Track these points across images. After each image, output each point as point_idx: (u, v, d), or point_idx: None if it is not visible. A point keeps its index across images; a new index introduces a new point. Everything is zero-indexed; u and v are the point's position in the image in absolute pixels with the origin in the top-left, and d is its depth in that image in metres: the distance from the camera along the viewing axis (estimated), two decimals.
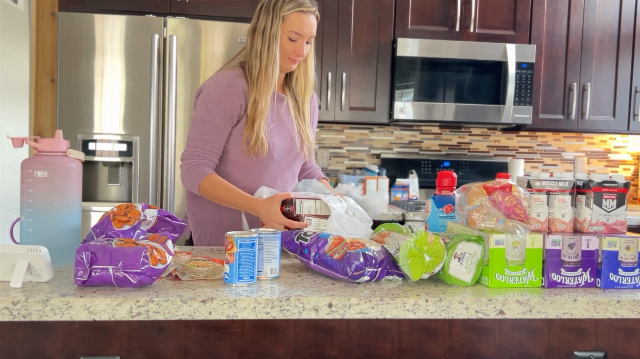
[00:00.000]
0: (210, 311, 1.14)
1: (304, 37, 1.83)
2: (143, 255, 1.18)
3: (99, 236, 1.32)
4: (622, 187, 1.38)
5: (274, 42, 1.81)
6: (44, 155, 1.39)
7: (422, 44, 3.29)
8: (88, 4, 3.03)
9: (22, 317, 1.10)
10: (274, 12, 1.80)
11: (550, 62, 3.47)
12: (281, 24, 1.81)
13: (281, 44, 1.82)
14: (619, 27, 3.49)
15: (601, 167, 3.93)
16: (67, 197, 1.39)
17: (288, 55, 1.84)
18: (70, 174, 1.40)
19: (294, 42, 1.83)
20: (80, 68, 2.90)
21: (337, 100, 3.34)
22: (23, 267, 1.19)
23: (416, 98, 3.32)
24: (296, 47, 1.83)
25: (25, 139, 1.39)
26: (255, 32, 1.83)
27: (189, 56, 2.92)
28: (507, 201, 1.32)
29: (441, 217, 1.57)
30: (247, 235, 1.25)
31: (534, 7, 3.43)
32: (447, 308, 1.20)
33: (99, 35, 2.89)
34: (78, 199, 1.43)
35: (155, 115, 2.87)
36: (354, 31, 3.34)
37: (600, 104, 3.51)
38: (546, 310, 1.22)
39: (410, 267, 1.26)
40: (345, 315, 1.17)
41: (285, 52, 1.84)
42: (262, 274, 1.31)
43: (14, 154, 3.02)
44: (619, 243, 1.32)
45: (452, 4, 3.36)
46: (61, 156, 1.40)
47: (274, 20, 1.80)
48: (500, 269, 1.30)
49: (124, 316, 1.12)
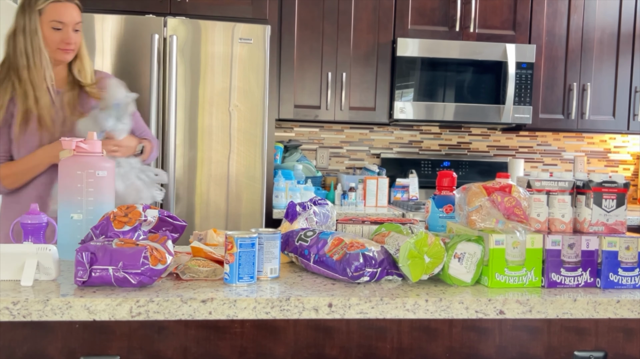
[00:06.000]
0: (210, 311, 1.14)
1: (68, 25, 1.87)
2: (143, 256, 1.18)
3: (99, 237, 1.32)
4: (622, 187, 1.38)
5: (35, 35, 1.84)
6: (86, 156, 1.49)
7: (422, 44, 3.29)
8: (88, 4, 3.03)
9: (22, 317, 1.10)
10: (29, 9, 1.85)
11: (550, 62, 3.47)
12: (39, 18, 1.84)
13: (46, 36, 1.86)
14: (619, 27, 3.49)
15: (601, 167, 3.93)
16: (113, 194, 1.54)
17: (57, 46, 1.88)
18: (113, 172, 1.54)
19: (60, 32, 1.87)
20: None
21: (337, 100, 3.34)
22: (33, 265, 1.21)
23: (416, 98, 3.32)
24: (63, 36, 1.87)
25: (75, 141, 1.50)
26: (16, 33, 1.86)
27: (189, 56, 2.91)
28: (507, 202, 1.32)
29: (441, 217, 1.57)
30: (247, 235, 1.26)
31: (534, 7, 3.43)
32: (447, 308, 1.20)
33: (99, 35, 2.89)
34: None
35: (155, 115, 2.87)
36: (354, 31, 3.34)
37: (600, 104, 3.51)
38: (546, 310, 1.22)
39: (410, 268, 1.26)
40: (345, 315, 1.17)
41: (53, 43, 1.87)
42: (262, 274, 1.31)
43: None
44: (618, 243, 1.32)
45: (452, 4, 3.36)
46: (100, 156, 1.52)
47: (31, 16, 1.84)
48: (500, 269, 1.30)
49: (124, 316, 1.12)
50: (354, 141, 3.75)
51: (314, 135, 3.71)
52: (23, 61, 1.85)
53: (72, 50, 1.91)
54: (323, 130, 3.72)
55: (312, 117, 3.34)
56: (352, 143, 3.75)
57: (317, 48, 3.31)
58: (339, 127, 3.73)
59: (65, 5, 1.88)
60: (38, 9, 1.84)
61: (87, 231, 1.40)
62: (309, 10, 3.30)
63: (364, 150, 3.76)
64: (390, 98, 3.37)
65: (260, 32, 2.94)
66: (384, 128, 3.76)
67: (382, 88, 3.36)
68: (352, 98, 3.36)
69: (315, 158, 3.71)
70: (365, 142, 3.76)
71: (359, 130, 3.75)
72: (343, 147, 3.75)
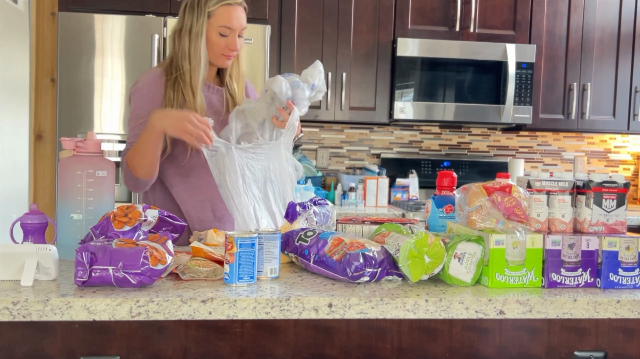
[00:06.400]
0: (210, 311, 1.14)
1: (235, 31, 1.80)
2: (143, 256, 1.18)
3: (99, 237, 1.32)
4: (622, 187, 1.38)
5: (201, 38, 1.77)
6: (86, 156, 1.47)
7: (422, 44, 3.29)
8: (88, 4, 3.03)
9: (22, 317, 1.10)
10: (198, 10, 1.77)
11: (550, 62, 3.47)
12: (207, 21, 1.77)
13: (212, 41, 1.79)
14: (619, 27, 3.49)
15: (601, 167, 3.93)
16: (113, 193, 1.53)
17: (221, 52, 1.81)
18: (113, 172, 1.52)
19: (225, 38, 1.79)
20: (80, 68, 2.89)
21: (337, 100, 3.34)
22: (33, 266, 1.21)
23: (416, 98, 3.32)
24: (229, 42, 1.80)
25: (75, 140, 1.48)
26: (181, 32, 1.79)
27: None
28: (507, 202, 1.32)
29: (441, 217, 1.57)
30: (247, 235, 1.25)
31: (534, 7, 3.43)
32: (447, 308, 1.20)
33: (99, 35, 2.89)
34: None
35: None
36: (354, 31, 3.34)
37: (600, 104, 3.51)
38: (546, 310, 1.22)
39: (410, 268, 1.26)
40: (345, 315, 1.17)
41: (218, 48, 1.80)
42: (262, 274, 1.31)
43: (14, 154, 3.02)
44: (619, 243, 1.32)
45: (452, 4, 3.36)
46: (100, 156, 1.50)
47: (199, 17, 1.76)
48: (500, 269, 1.30)
49: (124, 316, 1.12)
50: (354, 141, 3.75)
51: (314, 135, 3.71)
52: (186, 64, 1.77)
53: (234, 56, 1.85)
54: (323, 130, 3.72)
55: (312, 117, 3.34)
56: (352, 143, 3.75)
57: (317, 48, 3.31)
58: (339, 127, 3.73)
59: (235, 9, 1.79)
60: (208, 10, 1.76)
61: (87, 231, 1.40)
62: (309, 10, 3.30)
63: (364, 150, 3.76)
64: (390, 98, 3.37)
65: (260, 32, 2.94)
66: (384, 128, 3.76)
67: (382, 88, 3.36)
68: (352, 98, 3.36)
69: (315, 158, 3.71)
70: (365, 142, 3.76)
71: (359, 130, 3.75)
72: (343, 147, 3.75)
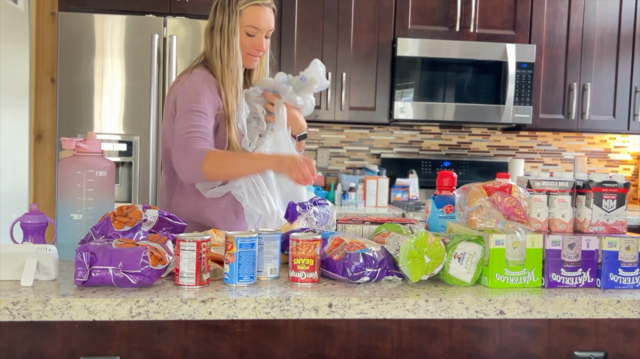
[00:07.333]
0: (210, 311, 1.14)
1: (262, 31, 1.81)
2: (143, 256, 1.18)
3: (99, 237, 1.32)
4: (622, 187, 1.38)
5: (233, 37, 1.78)
6: (86, 156, 1.47)
7: (422, 44, 3.29)
8: (88, 4, 3.03)
9: (22, 317, 1.10)
10: (229, 8, 1.78)
11: (550, 62, 3.47)
12: (239, 19, 1.79)
13: (240, 40, 1.80)
14: (619, 27, 3.49)
15: (601, 167, 3.93)
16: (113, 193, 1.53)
17: (247, 52, 1.82)
18: (113, 172, 1.52)
19: (252, 37, 1.81)
20: (80, 69, 2.89)
21: (337, 100, 3.34)
22: (32, 266, 1.21)
23: (416, 98, 3.32)
24: (255, 42, 1.82)
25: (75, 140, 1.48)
26: (214, 30, 1.81)
27: (189, 56, 2.91)
28: (507, 202, 1.32)
29: (441, 217, 1.57)
30: (247, 235, 1.25)
31: (534, 7, 3.43)
32: (447, 308, 1.19)
33: (99, 35, 2.89)
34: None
35: (155, 115, 2.87)
36: (354, 31, 3.34)
37: (600, 104, 3.51)
38: (546, 310, 1.22)
39: (410, 268, 1.26)
40: (345, 315, 1.17)
41: (244, 48, 1.81)
42: (262, 274, 1.31)
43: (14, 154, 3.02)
44: (619, 243, 1.32)
45: (452, 4, 3.36)
46: (100, 156, 1.50)
47: (230, 15, 1.78)
48: (500, 269, 1.30)
49: (124, 316, 1.12)
50: (354, 141, 3.75)
51: (314, 135, 3.71)
52: (217, 62, 1.79)
53: (259, 57, 1.87)
54: (323, 130, 3.72)
55: (312, 117, 3.34)
56: (352, 143, 3.75)
57: (317, 48, 3.31)
58: (339, 127, 3.73)
59: (264, 9, 1.80)
60: (239, 9, 1.77)
61: (87, 231, 1.40)
62: (309, 10, 3.30)
63: (364, 150, 3.76)
64: (390, 98, 3.37)
65: None
66: (384, 128, 3.76)
67: (382, 88, 3.36)
68: (352, 98, 3.36)
69: (315, 158, 3.71)
70: (365, 142, 3.76)
71: (359, 130, 3.75)
72: (343, 147, 3.75)
